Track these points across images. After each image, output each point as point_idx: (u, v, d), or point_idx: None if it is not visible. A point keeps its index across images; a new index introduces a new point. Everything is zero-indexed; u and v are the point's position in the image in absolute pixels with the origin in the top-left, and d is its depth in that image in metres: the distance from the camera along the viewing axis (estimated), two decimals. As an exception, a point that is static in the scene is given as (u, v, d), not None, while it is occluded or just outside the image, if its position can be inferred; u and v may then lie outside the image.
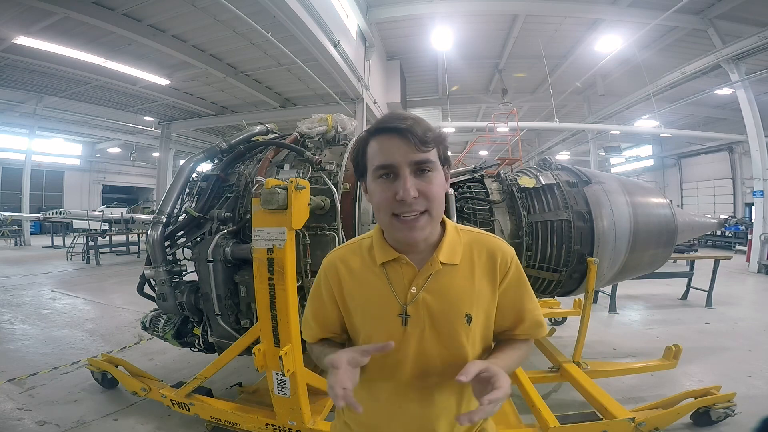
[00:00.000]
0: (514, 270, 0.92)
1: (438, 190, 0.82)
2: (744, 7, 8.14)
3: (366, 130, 0.86)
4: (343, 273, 0.94)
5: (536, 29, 9.53)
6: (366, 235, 0.98)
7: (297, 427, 2.11)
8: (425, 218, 0.81)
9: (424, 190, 0.80)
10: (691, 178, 18.87)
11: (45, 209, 13.34)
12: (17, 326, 4.67)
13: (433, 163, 0.81)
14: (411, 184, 0.78)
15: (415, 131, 0.77)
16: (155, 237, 2.62)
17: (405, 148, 0.78)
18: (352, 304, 0.94)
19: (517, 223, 2.77)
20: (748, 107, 9.38)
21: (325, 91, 9.08)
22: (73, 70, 9.25)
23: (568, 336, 4.01)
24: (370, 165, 0.83)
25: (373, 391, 0.92)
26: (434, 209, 0.82)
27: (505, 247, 0.93)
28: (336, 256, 0.97)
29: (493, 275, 0.90)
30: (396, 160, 0.79)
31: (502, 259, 0.91)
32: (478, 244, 0.92)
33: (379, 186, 0.82)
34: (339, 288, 0.95)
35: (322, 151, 2.77)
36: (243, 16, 5.65)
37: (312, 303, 1.01)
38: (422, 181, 0.80)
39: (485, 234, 0.96)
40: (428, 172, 0.81)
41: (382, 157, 0.80)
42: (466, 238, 0.93)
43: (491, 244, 0.93)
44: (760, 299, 6.52)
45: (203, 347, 2.72)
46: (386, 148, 0.80)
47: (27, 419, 2.60)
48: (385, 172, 0.81)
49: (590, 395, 2.48)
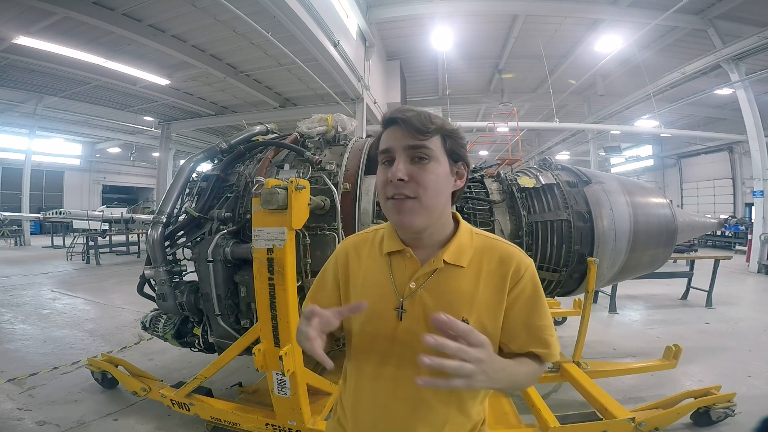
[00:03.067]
0: (528, 282, 0.86)
1: (432, 179, 0.81)
2: (744, 7, 8.14)
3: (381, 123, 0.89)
4: (352, 258, 0.97)
5: (536, 29, 9.54)
6: (382, 225, 1.00)
7: (297, 427, 2.11)
8: (413, 203, 0.81)
9: (416, 175, 0.80)
10: (691, 178, 18.87)
11: (45, 209, 13.34)
12: (17, 326, 4.67)
13: (431, 151, 0.81)
14: (402, 167, 0.80)
15: (411, 120, 0.80)
16: (155, 237, 2.62)
17: (401, 134, 0.82)
18: (353, 290, 0.95)
19: (517, 223, 2.77)
20: (748, 107, 9.39)
21: (325, 91, 9.08)
22: (73, 70, 9.25)
23: (568, 336, 4.00)
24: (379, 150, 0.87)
25: (363, 387, 0.93)
26: (425, 198, 0.81)
27: (521, 257, 0.88)
28: (349, 242, 1.02)
29: (501, 284, 0.86)
30: (392, 145, 0.83)
31: (515, 269, 0.86)
32: (490, 251, 0.89)
33: (380, 171, 0.86)
34: (345, 271, 0.97)
35: (322, 151, 2.77)
36: (243, 16, 5.65)
37: (315, 284, 1.04)
38: (416, 167, 0.81)
39: (502, 241, 0.92)
40: (426, 160, 0.81)
41: (384, 143, 0.85)
42: (478, 242, 0.91)
43: (505, 252, 0.89)
44: (760, 299, 6.52)
45: (203, 347, 2.72)
46: (387, 136, 0.85)
47: (27, 419, 2.60)
48: (386, 158, 0.84)
49: (590, 395, 2.48)
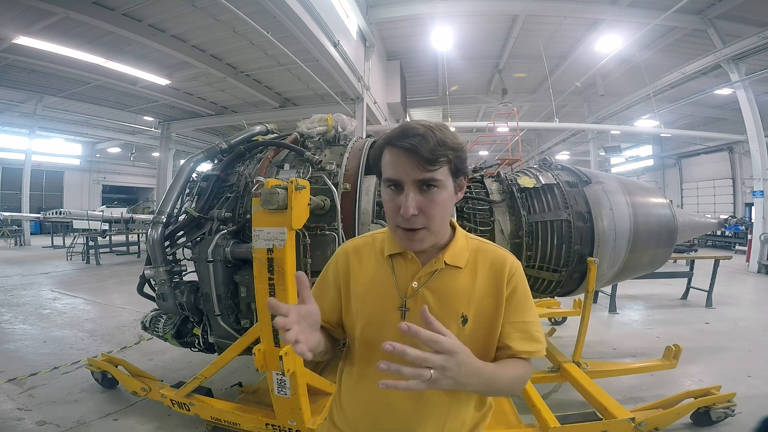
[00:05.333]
0: (520, 281, 0.92)
1: (440, 209, 0.83)
2: (744, 7, 8.14)
3: (383, 138, 0.88)
4: (353, 261, 0.99)
5: (536, 29, 9.54)
6: (381, 231, 1.02)
7: (297, 427, 2.11)
8: (423, 233, 0.84)
9: (425, 208, 0.82)
10: (691, 178, 18.86)
11: (45, 209, 13.35)
12: (17, 326, 4.67)
13: (439, 181, 0.81)
14: (411, 201, 0.80)
15: (420, 151, 0.78)
16: (155, 237, 2.62)
17: (410, 166, 0.80)
18: (356, 289, 0.96)
19: (517, 223, 2.77)
20: (748, 107, 9.39)
21: (325, 91, 9.08)
22: (73, 70, 9.25)
23: (568, 336, 4.01)
24: (383, 174, 0.86)
25: (362, 387, 0.94)
26: (433, 226, 0.84)
27: (512, 259, 0.94)
28: (349, 245, 1.03)
29: (498, 286, 0.90)
30: (401, 177, 0.81)
31: (510, 270, 0.91)
32: (482, 252, 0.94)
33: (387, 195, 0.86)
34: (346, 274, 0.98)
35: (322, 151, 2.77)
36: (243, 16, 5.65)
37: (316, 286, 1.05)
38: (425, 198, 0.82)
39: (492, 245, 0.98)
40: (433, 188, 0.82)
41: (390, 170, 0.83)
42: (473, 245, 0.96)
43: (496, 254, 0.94)
44: (760, 299, 6.52)
45: (203, 347, 2.72)
46: (394, 162, 0.82)
47: (27, 419, 2.60)
48: (392, 184, 0.84)
49: (590, 395, 2.48)
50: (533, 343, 0.90)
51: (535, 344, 0.91)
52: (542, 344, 0.92)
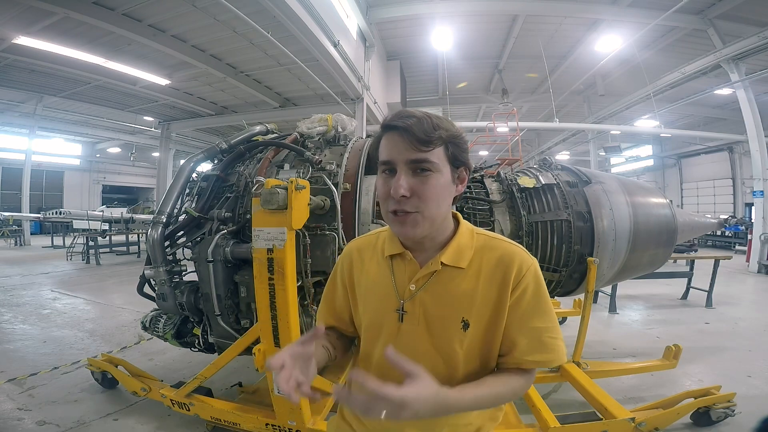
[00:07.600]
0: (531, 281, 0.84)
1: (433, 192, 0.79)
2: (744, 7, 8.14)
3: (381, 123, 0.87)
4: (356, 260, 0.98)
5: (536, 29, 9.53)
6: (384, 229, 0.99)
7: (297, 427, 2.11)
8: (415, 216, 0.79)
9: (417, 190, 0.78)
10: (691, 178, 18.87)
11: (45, 209, 13.36)
12: (17, 326, 4.66)
13: (433, 164, 0.78)
14: (403, 182, 0.77)
15: (413, 130, 0.76)
16: (155, 237, 2.61)
17: (403, 146, 0.78)
18: (359, 291, 0.96)
19: (517, 223, 2.77)
20: (748, 107, 9.39)
21: (325, 91, 9.08)
22: (73, 70, 9.24)
23: (568, 336, 3.96)
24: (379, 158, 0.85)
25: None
26: (426, 210, 0.79)
27: (523, 256, 0.86)
28: (353, 246, 1.02)
29: (503, 284, 0.84)
30: (394, 158, 0.79)
31: (518, 269, 0.84)
32: (490, 250, 0.87)
33: (381, 180, 0.83)
34: (350, 274, 0.98)
35: (322, 151, 2.77)
36: (243, 16, 5.64)
37: (327, 286, 1.04)
38: (418, 180, 0.78)
39: (504, 240, 0.90)
40: (427, 171, 0.78)
41: (384, 153, 0.82)
42: (479, 242, 0.89)
43: (506, 251, 0.86)
44: (760, 299, 6.52)
45: (203, 347, 2.72)
46: (388, 145, 0.81)
47: (27, 419, 2.60)
48: (387, 168, 0.81)
49: (590, 395, 2.48)
50: (543, 353, 0.84)
51: (545, 354, 0.84)
52: (555, 353, 0.85)
